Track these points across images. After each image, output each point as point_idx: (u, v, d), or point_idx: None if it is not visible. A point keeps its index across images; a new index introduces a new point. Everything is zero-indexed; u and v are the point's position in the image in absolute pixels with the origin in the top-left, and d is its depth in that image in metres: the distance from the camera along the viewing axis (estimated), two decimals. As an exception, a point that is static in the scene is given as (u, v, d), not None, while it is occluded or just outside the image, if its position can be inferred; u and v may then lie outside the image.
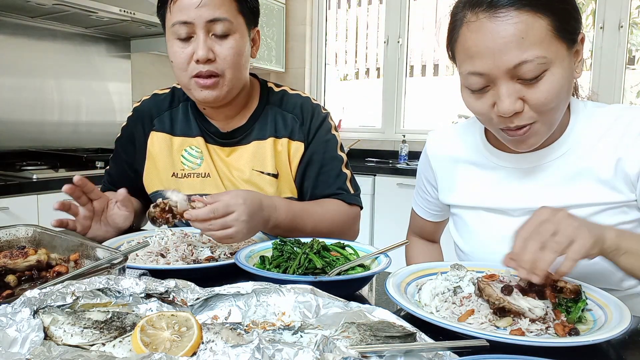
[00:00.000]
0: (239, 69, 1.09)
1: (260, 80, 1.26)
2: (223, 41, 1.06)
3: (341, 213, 1.16)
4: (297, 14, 4.05)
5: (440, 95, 3.69)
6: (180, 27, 1.04)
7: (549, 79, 0.78)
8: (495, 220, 0.97)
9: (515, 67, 0.77)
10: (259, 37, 1.19)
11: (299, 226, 1.07)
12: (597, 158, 0.88)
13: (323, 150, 1.20)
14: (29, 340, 0.50)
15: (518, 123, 0.82)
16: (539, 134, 0.85)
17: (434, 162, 1.09)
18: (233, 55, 1.06)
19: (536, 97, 0.79)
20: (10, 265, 0.74)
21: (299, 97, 1.24)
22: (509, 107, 0.79)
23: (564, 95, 0.82)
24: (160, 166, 1.22)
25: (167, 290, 0.61)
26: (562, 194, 0.89)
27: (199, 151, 1.20)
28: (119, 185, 1.29)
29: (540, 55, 0.76)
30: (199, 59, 1.04)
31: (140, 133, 1.25)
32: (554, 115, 0.83)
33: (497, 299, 0.67)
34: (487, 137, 1.00)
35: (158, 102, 1.26)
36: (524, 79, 0.78)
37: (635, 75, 3.08)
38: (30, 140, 2.66)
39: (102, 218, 1.07)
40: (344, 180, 1.19)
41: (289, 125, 1.19)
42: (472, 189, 1.01)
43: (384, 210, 3.18)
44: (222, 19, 1.04)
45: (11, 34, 2.55)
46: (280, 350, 0.45)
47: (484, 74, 0.80)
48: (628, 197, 0.87)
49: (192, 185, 1.19)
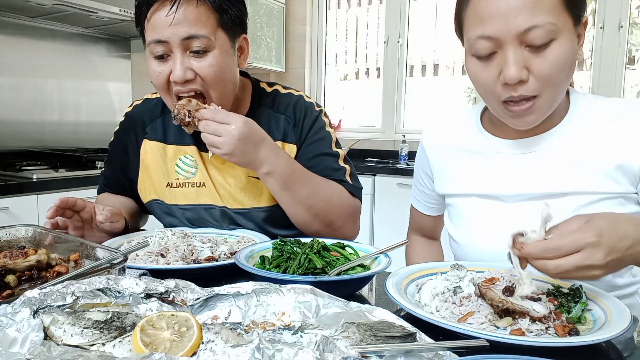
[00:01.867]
0: (223, 84, 1.05)
1: (253, 80, 1.23)
2: (202, 58, 1.00)
3: (342, 197, 1.12)
4: (297, 14, 4.05)
5: (440, 95, 3.69)
6: (155, 45, 1.00)
7: (556, 48, 0.79)
8: (489, 206, 0.96)
9: (525, 31, 0.78)
10: (247, 45, 1.13)
11: (294, 186, 1.04)
12: (597, 148, 0.87)
13: (315, 148, 1.16)
14: (29, 340, 0.50)
15: (522, 93, 0.82)
16: (540, 110, 0.85)
17: (429, 152, 1.09)
18: (214, 72, 1.01)
19: (542, 67, 0.80)
20: (10, 265, 0.74)
21: (291, 96, 1.20)
22: (515, 73, 0.79)
23: (568, 70, 0.82)
24: (154, 176, 1.20)
25: (167, 290, 0.61)
26: (558, 181, 0.89)
27: (193, 160, 1.17)
28: (114, 189, 1.29)
29: (551, 21, 0.77)
30: (176, 80, 1.00)
31: (132, 141, 1.23)
32: (556, 91, 0.83)
33: (500, 301, 0.67)
34: (483, 123, 1.00)
35: (150, 107, 1.24)
36: (532, 46, 0.79)
37: (635, 75, 3.08)
38: (30, 140, 2.66)
39: (93, 225, 1.05)
40: (342, 173, 1.15)
41: (282, 127, 1.16)
42: (467, 176, 1.00)
43: (384, 210, 3.18)
44: (198, 36, 0.98)
45: (11, 34, 2.55)
46: (280, 350, 0.45)
47: (493, 38, 0.80)
48: (626, 189, 0.87)
49: (187, 195, 1.17)
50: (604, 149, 0.87)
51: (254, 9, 3.61)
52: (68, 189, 2.17)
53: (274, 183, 1.03)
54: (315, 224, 1.09)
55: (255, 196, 1.15)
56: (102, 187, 1.32)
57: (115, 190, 1.29)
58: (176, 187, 1.18)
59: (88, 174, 2.27)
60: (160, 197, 1.19)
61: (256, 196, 1.15)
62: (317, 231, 1.09)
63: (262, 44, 3.76)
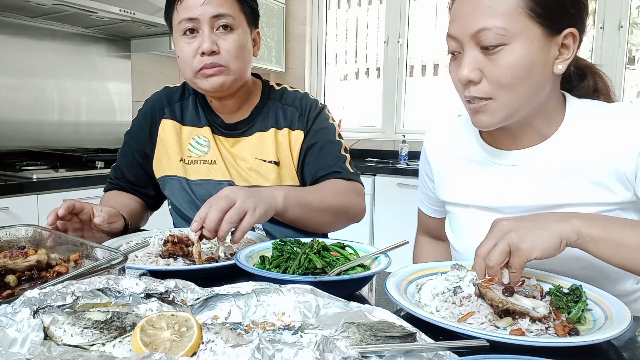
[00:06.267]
0: (243, 61, 1.16)
1: (263, 80, 1.33)
2: (227, 35, 1.12)
3: (341, 187, 1.20)
4: (297, 14, 4.05)
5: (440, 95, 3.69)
6: (186, 23, 1.11)
7: (508, 54, 0.80)
8: (488, 218, 0.96)
9: (476, 32, 0.80)
10: (259, 38, 1.25)
11: (307, 198, 1.09)
12: (590, 157, 0.87)
13: (321, 135, 1.25)
14: (29, 340, 0.50)
15: (473, 94, 0.84)
16: (493, 113, 0.85)
17: (431, 156, 1.09)
18: (236, 48, 1.13)
19: (492, 70, 0.81)
20: (10, 265, 0.74)
21: (298, 92, 1.31)
22: (465, 73, 0.83)
23: (524, 78, 0.81)
24: (170, 151, 1.28)
25: (167, 290, 0.61)
26: (554, 193, 0.89)
27: (207, 140, 1.26)
28: (126, 177, 1.33)
29: (501, 26, 0.79)
30: (204, 51, 1.10)
31: (151, 120, 1.31)
32: (513, 97, 0.83)
33: (500, 301, 0.67)
34: (481, 134, 1.00)
35: (169, 93, 1.33)
36: (484, 47, 0.81)
37: (635, 75, 3.08)
38: (30, 140, 2.66)
39: (92, 226, 1.07)
40: (343, 161, 1.24)
41: (289, 116, 1.26)
42: (466, 187, 1.00)
43: (384, 210, 3.18)
44: (225, 14, 1.11)
45: (11, 34, 2.55)
46: (280, 350, 0.45)
47: (454, 37, 0.85)
48: (623, 197, 0.86)
49: (199, 171, 1.25)
50: (595, 158, 0.86)
51: (254, 9, 3.61)
52: (68, 189, 2.17)
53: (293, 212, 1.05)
54: (340, 221, 1.19)
55: (261, 176, 1.23)
56: (110, 181, 1.35)
57: (127, 176, 1.33)
58: (189, 163, 1.26)
59: (88, 174, 2.27)
60: (174, 172, 1.27)
61: (262, 177, 1.23)
62: (342, 226, 1.21)
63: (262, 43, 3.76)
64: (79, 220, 1.04)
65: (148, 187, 1.34)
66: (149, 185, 1.34)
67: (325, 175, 1.22)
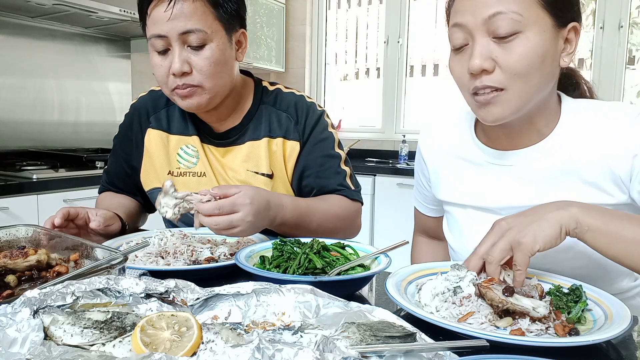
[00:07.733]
0: (220, 77, 1.08)
1: (255, 79, 1.25)
2: (199, 52, 1.05)
3: (344, 208, 1.17)
4: (297, 14, 4.05)
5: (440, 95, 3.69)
6: (156, 40, 1.05)
7: (523, 42, 0.79)
8: (485, 219, 0.95)
9: (490, 17, 0.79)
10: (245, 39, 1.16)
11: (304, 223, 1.07)
12: (585, 158, 0.86)
13: (320, 149, 1.19)
14: (29, 340, 0.50)
15: (486, 83, 0.82)
16: (507, 105, 0.83)
17: (426, 154, 1.09)
18: (210, 65, 1.05)
19: (507, 59, 0.80)
20: (10, 265, 0.74)
21: (293, 95, 1.23)
22: (477, 62, 0.80)
23: (538, 67, 0.81)
24: (157, 164, 1.23)
25: (167, 290, 0.61)
26: (549, 194, 0.88)
27: (195, 150, 1.21)
28: (116, 183, 1.31)
29: (516, 10, 0.78)
30: (174, 73, 1.04)
31: (137, 129, 1.26)
32: (526, 87, 0.82)
33: (500, 301, 0.67)
34: (477, 134, 1.00)
35: (155, 98, 1.27)
36: (497, 36, 0.80)
37: (635, 75, 3.08)
38: (30, 140, 2.66)
39: (89, 230, 1.06)
40: (343, 177, 1.19)
41: (284, 124, 1.19)
42: (462, 187, 1.00)
43: (384, 210, 3.18)
44: (194, 30, 1.02)
45: (11, 34, 2.55)
46: (280, 350, 0.45)
47: (463, 26, 0.82)
48: (618, 199, 0.85)
49: (188, 184, 1.20)
50: (589, 159, 0.86)
51: (254, 9, 3.61)
52: (68, 189, 2.17)
53: (287, 229, 1.06)
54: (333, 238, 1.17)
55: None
56: (104, 184, 1.34)
57: (117, 183, 1.31)
58: (177, 175, 1.21)
59: (88, 174, 2.27)
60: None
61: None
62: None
63: (262, 44, 3.76)
64: (75, 225, 1.04)
65: (137, 196, 1.31)
66: (138, 194, 1.30)
67: (326, 192, 1.18)
